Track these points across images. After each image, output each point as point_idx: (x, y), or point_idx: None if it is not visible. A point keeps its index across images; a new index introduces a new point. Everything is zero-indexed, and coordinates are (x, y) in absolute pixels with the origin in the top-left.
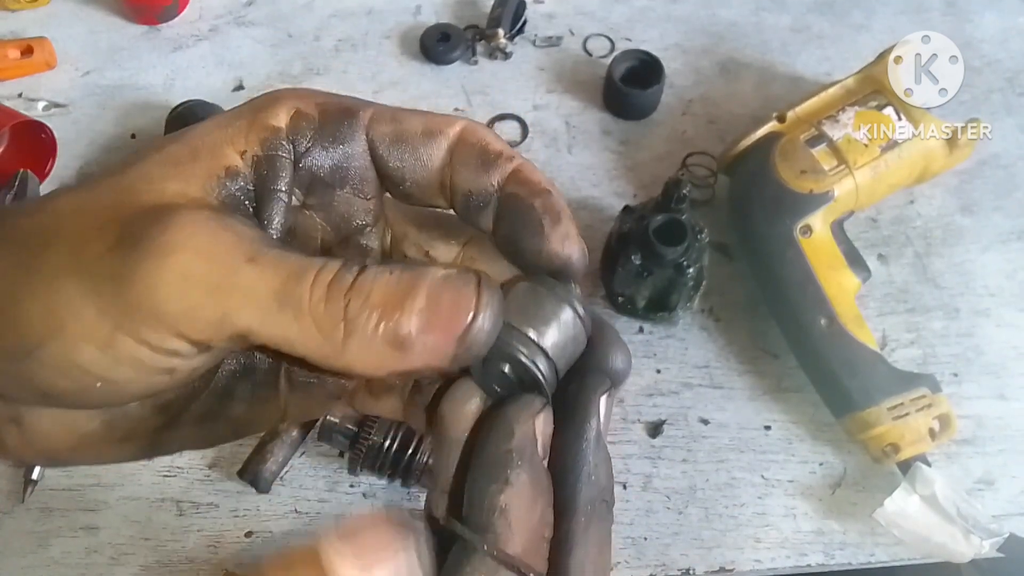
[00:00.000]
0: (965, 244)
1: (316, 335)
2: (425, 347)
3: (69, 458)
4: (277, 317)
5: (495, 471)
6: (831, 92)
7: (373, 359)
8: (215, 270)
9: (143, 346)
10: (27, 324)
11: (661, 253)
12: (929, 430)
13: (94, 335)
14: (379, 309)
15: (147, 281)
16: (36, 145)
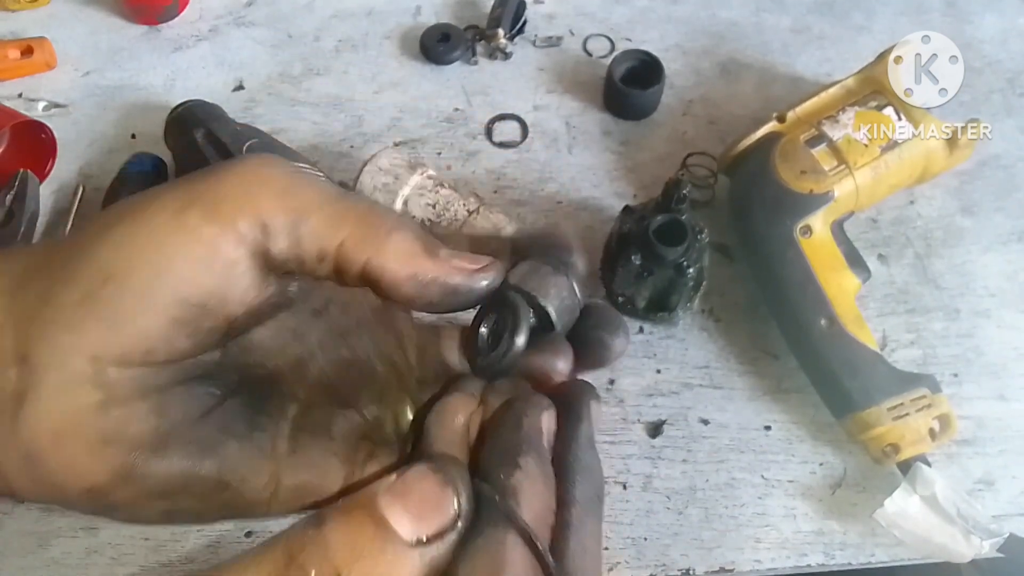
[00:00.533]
0: (965, 245)
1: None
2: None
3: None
4: (334, 204)
5: (507, 456)
6: (831, 92)
7: (410, 256)
8: (293, 171)
9: (208, 218)
10: (116, 213)
11: (661, 253)
12: (929, 430)
13: (170, 205)
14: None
15: (236, 165)
16: (36, 145)
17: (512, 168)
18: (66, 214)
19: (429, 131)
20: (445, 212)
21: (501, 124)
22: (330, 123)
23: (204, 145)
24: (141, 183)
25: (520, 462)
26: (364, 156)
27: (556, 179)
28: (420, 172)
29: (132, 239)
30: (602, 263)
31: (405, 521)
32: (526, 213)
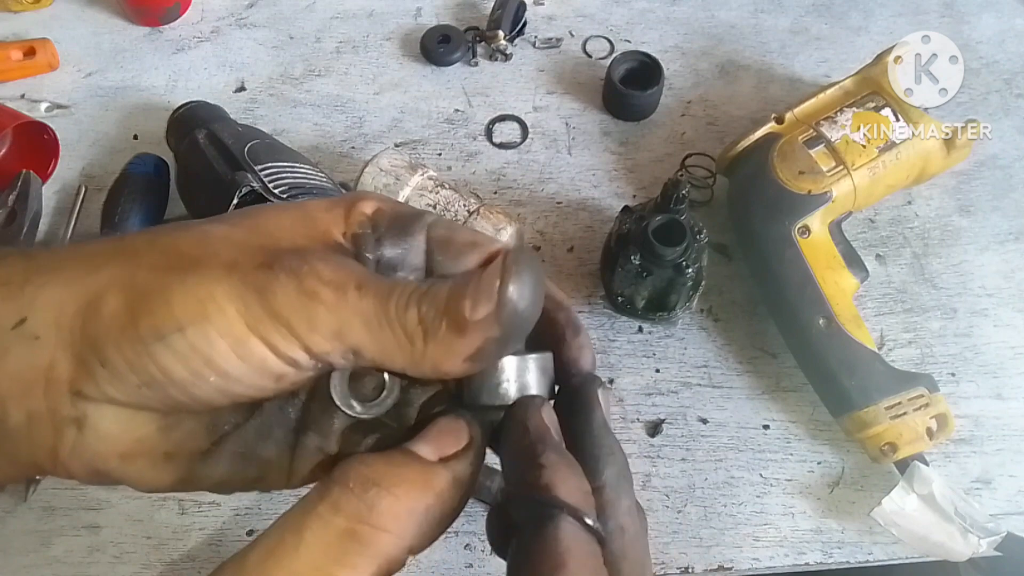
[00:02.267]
0: (963, 245)
1: (406, 343)
2: (477, 324)
3: (114, 467)
4: (378, 332)
5: (529, 460)
6: (829, 93)
7: (447, 351)
8: (335, 294)
9: (269, 350)
10: (174, 310)
11: (660, 253)
12: (927, 429)
13: (231, 332)
14: (443, 305)
15: (286, 296)
16: (39, 146)
17: (512, 169)
18: (68, 214)
19: (430, 132)
20: (445, 212)
21: (501, 125)
22: (331, 124)
23: (206, 146)
24: (143, 184)
25: (542, 461)
26: (365, 157)
27: (556, 179)
28: (421, 173)
29: (191, 357)
30: (601, 263)
31: (427, 449)
32: (526, 213)
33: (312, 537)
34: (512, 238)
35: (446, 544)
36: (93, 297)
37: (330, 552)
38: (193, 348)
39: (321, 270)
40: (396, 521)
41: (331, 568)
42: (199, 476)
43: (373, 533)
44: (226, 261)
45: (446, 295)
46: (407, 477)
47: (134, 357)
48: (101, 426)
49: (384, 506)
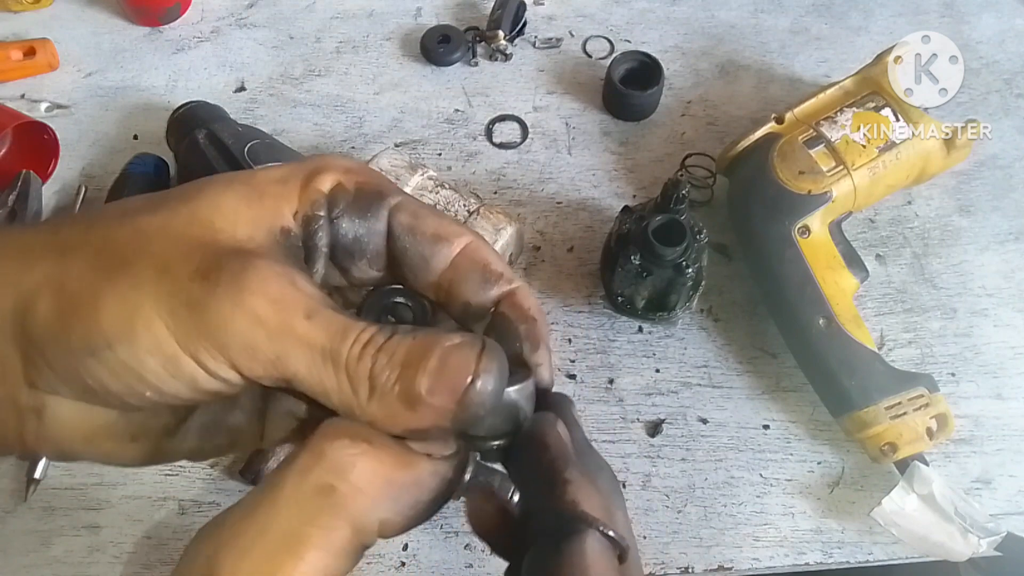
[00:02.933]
0: (963, 244)
1: (347, 389)
2: (432, 407)
3: (80, 450)
4: (321, 369)
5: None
6: (829, 93)
7: (389, 416)
8: (280, 318)
9: (200, 369)
10: (101, 324)
11: (660, 253)
12: (927, 429)
13: (161, 350)
14: (399, 369)
15: (221, 315)
16: (39, 146)
17: (512, 169)
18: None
19: (430, 132)
20: (446, 212)
21: (501, 125)
22: (331, 124)
23: (206, 146)
24: (143, 184)
25: (567, 477)
26: (365, 157)
27: (556, 179)
28: (421, 173)
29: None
30: (601, 263)
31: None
32: (526, 213)
33: (289, 493)
34: (512, 238)
35: (446, 544)
36: (27, 296)
37: (304, 510)
38: (124, 365)
39: (266, 286)
40: (372, 484)
41: (305, 528)
42: (169, 450)
43: (349, 492)
44: (159, 263)
45: (403, 355)
46: (393, 449)
47: (69, 367)
48: (61, 414)
49: (365, 465)
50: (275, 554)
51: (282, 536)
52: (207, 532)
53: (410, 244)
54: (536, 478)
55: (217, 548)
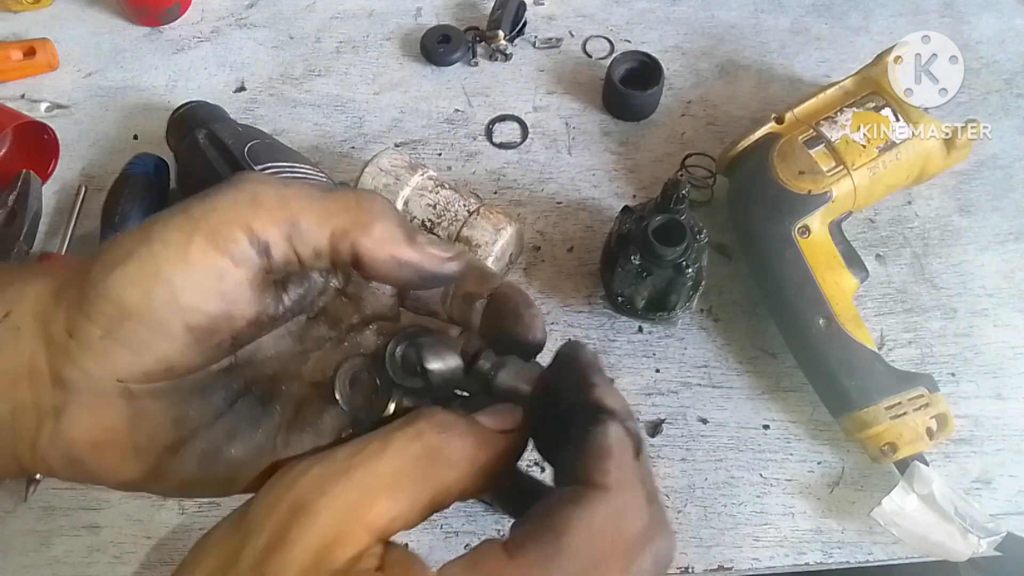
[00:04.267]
0: (963, 244)
1: (355, 210)
2: (429, 254)
3: (87, 458)
4: (323, 203)
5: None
6: (829, 93)
7: (394, 242)
8: (280, 182)
9: (210, 244)
10: (121, 247)
11: (660, 253)
12: (927, 429)
13: (173, 239)
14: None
15: (229, 187)
16: (39, 146)
17: (512, 169)
18: (68, 214)
19: (430, 132)
20: (446, 212)
21: (501, 125)
22: (331, 124)
23: (206, 146)
24: (143, 184)
25: (593, 380)
26: (365, 157)
27: (556, 179)
28: (421, 173)
29: (143, 276)
30: (601, 263)
31: (489, 421)
32: (526, 213)
33: (395, 450)
34: (512, 238)
35: (446, 544)
36: (63, 281)
37: (407, 466)
38: (140, 268)
39: (260, 177)
40: (461, 461)
41: (402, 478)
42: (168, 471)
43: (442, 464)
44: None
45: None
46: (475, 433)
47: (90, 304)
48: (77, 414)
49: (456, 446)
50: (375, 490)
51: (384, 479)
52: (315, 461)
53: None
54: (568, 385)
55: (327, 474)
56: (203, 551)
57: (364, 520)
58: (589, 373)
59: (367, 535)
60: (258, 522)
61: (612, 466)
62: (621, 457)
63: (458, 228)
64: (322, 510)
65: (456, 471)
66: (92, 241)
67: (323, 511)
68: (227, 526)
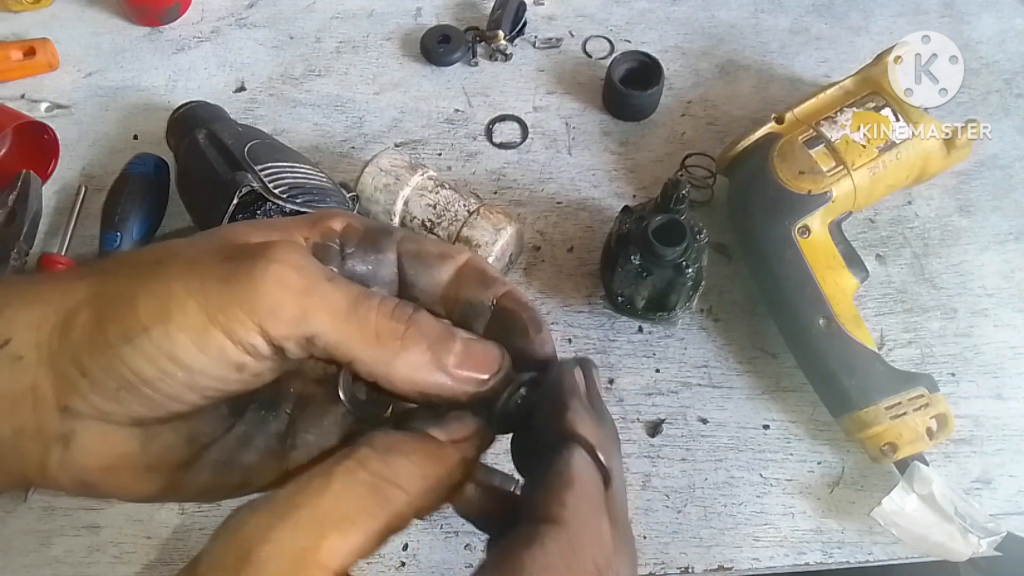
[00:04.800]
0: (963, 244)
1: (375, 343)
2: (459, 378)
3: (99, 481)
4: (345, 325)
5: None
6: (829, 93)
7: (418, 372)
8: (303, 281)
9: (229, 341)
10: (137, 315)
11: (660, 253)
12: (927, 429)
13: (191, 325)
14: (430, 340)
15: (249, 280)
16: (39, 146)
17: (512, 169)
18: (68, 214)
19: (430, 132)
20: (445, 212)
21: (501, 125)
22: (331, 124)
23: (206, 146)
24: (143, 184)
25: (568, 404)
26: (365, 157)
27: (556, 179)
28: (421, 173)
29: (160, 356)
30: (601, 263)
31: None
32: (526, 213)
33: (339, 483)
34: (512, 238)
35: (446, 544)
36: (68, 313)
37: (352, 498)
38: (158, 347)
39: (289, 257)
40: (410, 482)
41: (351, 511)
42: (183, 486)
43: (390, 489)
44: (189, 259)
45: (435, 331)
46: (422, 449)
47: (106, 362)
48: (86, 442)
49: (401, 467)
50: (323, 528)
51: (330, 515)
52: (256, 506)
53: (420, 266)
54: (548, 408)
55: (269, 519)
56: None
57: (316, 561)
58: (567, 397)
59: (323, 574)
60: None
61: (570, 498)
62: (581, 489)
63: (458, 228)
64: (269, 557)
65: (406, 493)
66: (92, 241)
67: (270, 558)
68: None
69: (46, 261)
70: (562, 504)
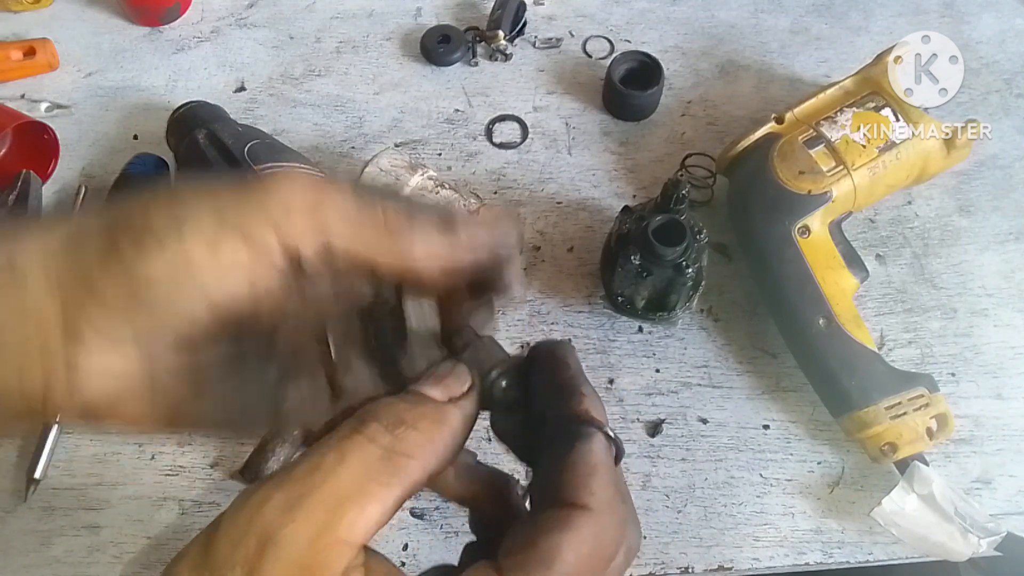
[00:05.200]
0: (963, 244)
1: (389, 233)
2: (473, 244)
3: (104, 408)
4: (358, 222)
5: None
6: (829, 93)
7: (436, 248)
8: (313, 187)
9: (241, 242)
10: (151, 228)
11: (660, 253)
12: (927, 429)
13: (205, 231)
14: (434, 221)
15: (263, 188)
16: (39, 146)
17: (512, 169)
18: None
19: (430, 132)
20: None
21: (501, 125)
22: (331, 124)
23: (206, 146)
24: (143, 184)
25: (583, 391)
26: (365, 157)
27: (556, 179)
28: (421, 173)
29: (173, 268)
30: (601, 263)
31: (437, 392)
32: (526, 213)
33: (352, 458)
34: None
35: (446, 544)
36: (77, 235)
37: (367, 472)
38: (172, 256)
39: (298, 174)
40: (420, 450)
41: (368, 484)
42: (184, 417)
43: (402, 460)
44: (202, 185)
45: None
46: (427, 415)
47: (118, 276)
48: (91, 367)
49: (411, 439)
50: (342, 503)
51: (348, 490)
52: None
53: None
54: (554, 390)
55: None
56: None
57: (337, 537)
58: (578, 382)
59: (347, 549)
60: (225, 558)
61: (597, 485)
62: (605, 475)
63: None
64: (292, 537)
65: (417, 460)
66: None
67: (293, 538)
68: (188, 565)
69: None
70: (591, 491)
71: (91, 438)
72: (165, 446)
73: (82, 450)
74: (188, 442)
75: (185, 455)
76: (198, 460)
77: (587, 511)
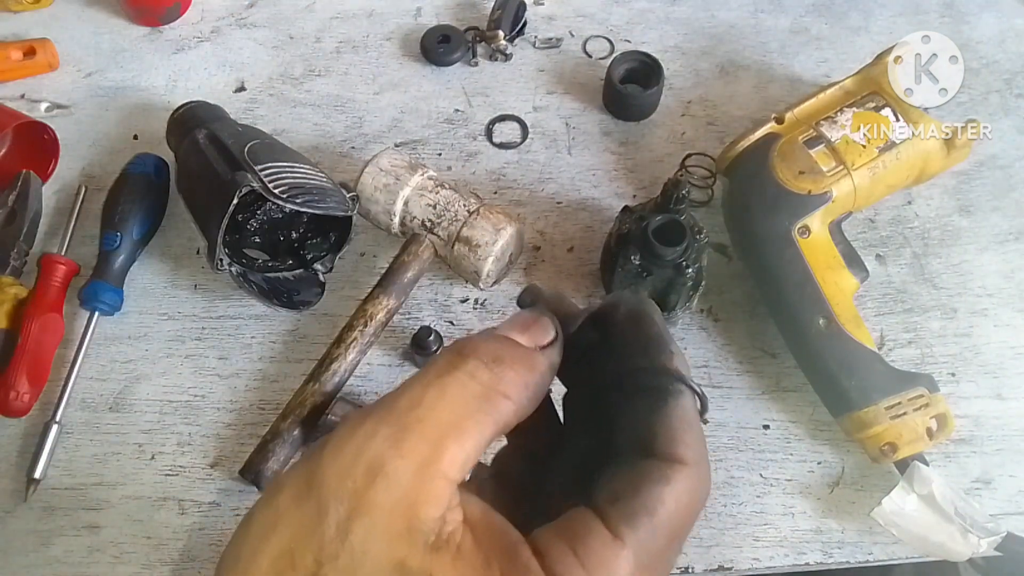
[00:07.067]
0: (963, 244)
1: None
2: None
3: None
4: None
5: (662, 347)
6: (829, 93)
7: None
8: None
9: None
10: None
11: (660, 253)
12: (927, 429)
13: None
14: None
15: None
16: (39, 146)
17: (512, 169)
18: (68, 214)
19: (430, 132)
20: (445, 212)
21: (501, 125)
22: (331, 124)
23: (206, 146)
24: (143, 184)
25: (672, 349)
26: (365, 157)
27: (556, 179)
28: (421, 172)
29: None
30: (601, 263)
31: (525, 339)
32: (526, 213)
33: (453, 394)
34: (512, 238)
35: None
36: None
37: (466, 409)
38: None
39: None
40: (515, 390)
41: (465, 420)
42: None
43: (499, 397)
44: None
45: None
46: (520, 357)
47: None
48: None
49: (508, 378)
50: (443, 439)
51: (448, 426)
52: (380, 417)
53: None
54: (642, 345)
55: (396, 431)
56: (267, 523)
57: (439, 471)
58: (667, 338)
59: (446, 485)
60: (334, 488)
61: (693, 440)
62: (698, 431)
63: (458, 228)
64: (401, 468)
65: (511, 401)
66: (92, 242)
67: (402, 469)
68: (291, 494)
69: (46, 261)
70: (688, 446)
71: (91, 438)
72: (165, 446)
73: (82, 450)
74: (188, 442)
75: (185, 455)
76: (198, 460)
77: (685, 465)
